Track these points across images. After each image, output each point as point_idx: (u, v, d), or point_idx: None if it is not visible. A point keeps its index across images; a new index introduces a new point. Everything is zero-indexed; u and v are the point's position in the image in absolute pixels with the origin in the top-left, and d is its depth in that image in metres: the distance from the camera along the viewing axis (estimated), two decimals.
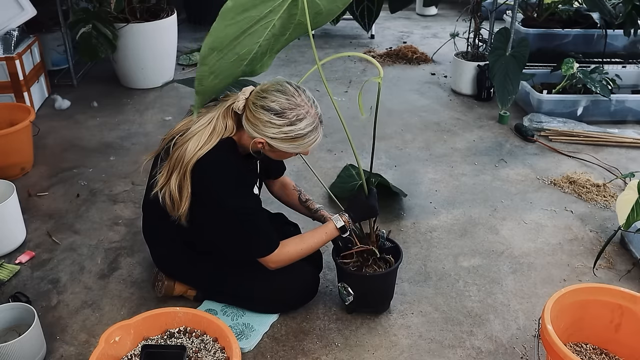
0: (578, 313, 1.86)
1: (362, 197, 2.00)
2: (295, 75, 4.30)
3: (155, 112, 3.78)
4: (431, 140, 3.45)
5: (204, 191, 1.85)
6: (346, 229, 1.99)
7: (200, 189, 1.84)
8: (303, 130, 1.79)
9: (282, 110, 1.77)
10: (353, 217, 1.99)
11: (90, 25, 3.72)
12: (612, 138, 3.39)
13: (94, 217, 2.70)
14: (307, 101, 1.81)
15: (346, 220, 1.98)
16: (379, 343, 2.03)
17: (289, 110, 1.77)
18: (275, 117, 1.77)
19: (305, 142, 1.82)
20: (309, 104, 1.81)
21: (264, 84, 1.85)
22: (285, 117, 1.77)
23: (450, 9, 6.07)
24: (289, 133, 1.78)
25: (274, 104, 1.77)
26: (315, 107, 1.83)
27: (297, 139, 1.80)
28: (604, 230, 2.63)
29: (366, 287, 2.06)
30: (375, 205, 2.01)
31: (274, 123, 1.77)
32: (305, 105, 1.80)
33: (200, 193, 1.85)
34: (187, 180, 1.82)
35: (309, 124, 1.80)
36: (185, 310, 1.86)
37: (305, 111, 1.79)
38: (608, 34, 3.83)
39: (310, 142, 1.83)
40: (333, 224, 1.98)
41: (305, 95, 1.82)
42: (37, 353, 1.91)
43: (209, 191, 1.86)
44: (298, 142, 1.81)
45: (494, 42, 3.64)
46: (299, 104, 1.79)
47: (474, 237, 2.59)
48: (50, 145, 3.35)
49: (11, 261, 2.39)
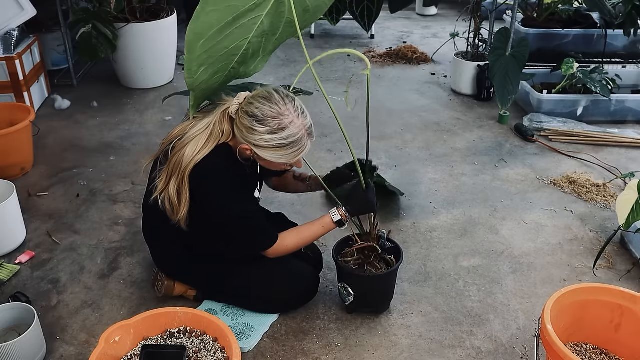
0: (578, 313, 1.86)
1: (360, 191, 1.99)
2: (295, 75, 4.29)
3: (155, 112, 3.78)
4: (431, 140, 3.45)
5: (203, 197, 1.86)
6: (343, 223, 1.98)
7: (199, 194, 1.85)
8: (285, 140, 1.77)
9: (263, 118, 1.76)
10: (350, 211, 1.98)
11: (90, 25, 3.72)
12: (612, 138, 3.39)
13: (94, 217, 2.70)
14: (294, 111, 1.78)
15: (343, 214, 1.97)
16: (379, 343, 2.03)
17: (271, 119, 1.76)
18: (257, 124, 1.76)
19: (289, 153, 1.80)
20: (295, 114, 1.78)
21: (256, 90, 1.85)
22: (266, 124, 1.76)
23: (450, 9, 6.07)
24: (269, 141, 1.77)
25: (257, 111, 1.76)
26: (303, 117, 1.80)
27: (280, 149, 1.78)
28: (604, 230, 2.63)
29: (366, 287, 2.06)
30: (373, 199, 2.00)
31: (255, 130, 1.76)
32: (290, 115, 1.77)
33: (200, 199, 1.86)
34: (185, 185, 1.82)
35: (292, 134, 1.77)
36: (185, 310, 1.86)
37: (289, 121, 1.77)
38: (608, 34, 3.83)
39: (295, 153, 1.81)
40: (330, 217, 1.98)
41: (294, 105, 1.80)
42: (37, 353, 1.91)
43: (207, 197, 1.86)
44: (281, 151, 1.79)
45: (494, 42, 3.64)
46: (282, 113, 1.77)
47: (474, 237, 2.59)
48: (50, 145, 3.35)
49: (11, 261, 2.39)
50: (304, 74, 1.92)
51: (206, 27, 1.67)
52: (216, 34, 1.69)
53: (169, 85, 4.20)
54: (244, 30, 1.75)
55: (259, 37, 1.80)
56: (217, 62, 1.77)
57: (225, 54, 1.76)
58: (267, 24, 1.78)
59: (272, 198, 2.83)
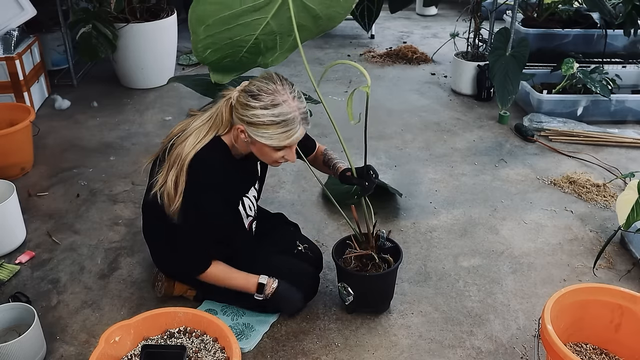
0: (578, 313, 1.86)
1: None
2: (295, 75, 4.30)
3: (155, 112, 3.78)
4: (431, 140, 3.45)
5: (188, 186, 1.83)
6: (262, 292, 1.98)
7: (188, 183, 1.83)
8: (277, 118, 1.75)
9: (258, 93, 1.75)
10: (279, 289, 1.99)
11: (90, 25, 3.72)
12: (612, 138, 3.39)
13: (94, 217, 2.70)
14: (290, 93, 1.77)
15: (270, 287, 1.98)
16: (379, 343, 2.03)
17: (265, 94, 1.75)
18: (251, 99, 1.76)
19: (280, 132, 1.77)
20: (291, 96, 1.77)
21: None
22: (260, 99, 1.75)
23: (450, 9, 6.07)
24: (261, 117, 1.75)
25: (253, 87, 1.77)
26: (299, 101, 1.79)
27: (271, 126, 1.75)
28: (604, 230, 2.63)
29: (366, 287, 2.06)
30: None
31: (249, 105, 1.76)
32: (285, 94, 1.76)
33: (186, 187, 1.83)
34: (183, 175, 1.82)
35: (284, 112, 1.75)
36: (185, 310, 1.86)
37: (283, 99, 1.75)
38: (608, 34, 3.83)
39: (286, 133, 1.78)
40: (257, 280, 1.99)
41: (291, 88, 1.79)
42: (37, 353, 1.91)
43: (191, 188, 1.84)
44: (272, 129, 1.76)
45: (494, 42, 3.64)
46: (277, 90, 1.76)
47: (474, 237, 2.59)
48: (50, 145, 3.35)
49: (11, 261, 2.39)
50: (303, 74, 1.93)
51: (206, 14, 1.73)
52: (217, 23, 1.75)
53: (169, 85, 4.20)
54: (248, 28, 1.79)
55: (270, 36, 1.85)
56: (223, 48, 1.83)
57: (229, 43, 1.82)
58: (275, 26, 1.83)
59: (272, 198, 2.83)
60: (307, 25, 1.86)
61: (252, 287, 1.99)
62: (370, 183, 2.00)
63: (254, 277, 2.00)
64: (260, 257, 2.10)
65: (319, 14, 1.83)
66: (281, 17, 1.80)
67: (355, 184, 2.03)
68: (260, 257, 2.10)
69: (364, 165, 2.02)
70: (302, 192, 2.90)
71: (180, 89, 4.08)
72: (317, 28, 1.89)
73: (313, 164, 2.27)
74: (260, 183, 2.17)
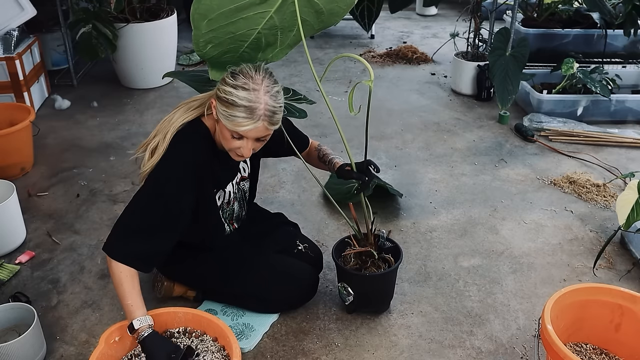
0: (578, 313, 1.86)
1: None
2: (295, 75, 4.30)
3: (155, 112, 3.78)
4: (431, 140, 3.45)
5: (165, 155, 1.82)
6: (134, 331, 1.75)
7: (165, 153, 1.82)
8: (239, 100, 1.71)
9: (237, 73, 1.75)
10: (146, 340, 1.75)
11: (90, 25, 3.72)
12: (612, 138, 3.39)
13: (94, 217, 2.70)
14: (265, 86, 1.74)
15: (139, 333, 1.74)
16: (379, 343, 2.03)
17: (242, 77, 1.74)
18: (229, 76, 1.76)
19: (235, 115, 1.72)
20: (264, 89, 1.74)
21: None
22: (235, 78, 1.74)
23: (450, 9, 6.07)
24: (227, 95, 1.73)
25: (238, 68, 1.77)
26: (271, 99, 1.74)
27: (231, 106, 1.72)
28: (604, 230, 2.63)
29: (366, 287, 2.06)
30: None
31: (225, 80, 1.76)
32: (260, 85, 1.73)
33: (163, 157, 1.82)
34: (164, 143, 1.82)
35: (247, 99, 1.71)
36: (185, 310, 1.87)
37: (254, 87, 1.73)
38: (608, 34, 3.84)
39: (241, 120, 1.72)
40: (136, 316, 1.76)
41: (271, 84, 1.76)
42: (37, 353, 1.91)
43: (166, 155, 1.82)
44: (230, 110, 1.72)
45: (494, 42, 3.64)
46: (254, 79, 1.74)
47: (474, 237, 2.59)
48: (50, 145, 3.35)
49: (11, 261, 2.39)
50: (303, 74, 1.93)
51: (208, 9, 1.73)
52: (220, 17, 1.76)
53: (169, 85, 4.20)
54: (251, 22, 1.80)
55: (271, 30, 1.85)
56: (224, 43, 1.83)
57: (231, 38, 1.82)
58: (277, 20, 1.83)
59: (272, 198, 2.83)
60: (309, 20, 1.86)
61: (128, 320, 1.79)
62: (370, 177, 1.99)
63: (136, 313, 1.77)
64: (260, 257, 2.10)
65: (322, 8, 1.84)
66: (284, 11, 1.81)
67: (355, 178, 2.01)
68: (259, 256, 2.10)
69: (364, 160, 2.02)
70: (302, 192, 2.90)
71: (180, 89, 4.08)
72: (319, 23, 1.89)
73: (308, 160, 2.26)
74: (253, 182, 2.17)
